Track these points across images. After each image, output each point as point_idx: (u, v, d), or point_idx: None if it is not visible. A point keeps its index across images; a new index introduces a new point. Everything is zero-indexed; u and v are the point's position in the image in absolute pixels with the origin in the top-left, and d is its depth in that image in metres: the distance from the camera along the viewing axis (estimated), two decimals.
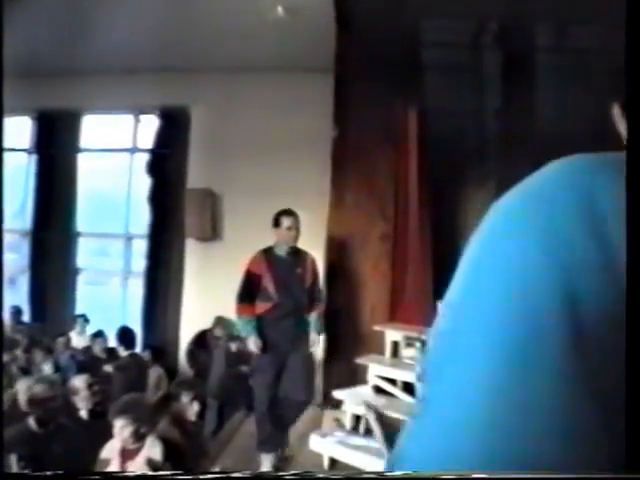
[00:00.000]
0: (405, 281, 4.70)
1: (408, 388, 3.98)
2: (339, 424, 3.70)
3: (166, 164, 6.63)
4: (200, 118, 6.35)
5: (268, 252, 3.76)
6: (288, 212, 3.73)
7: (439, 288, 4.69)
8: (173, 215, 6.46)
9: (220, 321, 5.81)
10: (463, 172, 5.39)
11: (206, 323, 5.95)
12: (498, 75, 4.69)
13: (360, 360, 4.03)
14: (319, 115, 4.80)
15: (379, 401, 3.72)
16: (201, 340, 5.86)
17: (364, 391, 3.87)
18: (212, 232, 6.31)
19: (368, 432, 3.50)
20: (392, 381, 4.03)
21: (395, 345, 4.21)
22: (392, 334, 4.23)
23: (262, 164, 5.78)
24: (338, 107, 4.56)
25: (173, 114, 6.59)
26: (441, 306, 0.50)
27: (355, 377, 4.13)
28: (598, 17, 4.79)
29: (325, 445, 3.43)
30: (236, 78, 6.00)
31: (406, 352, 4.04)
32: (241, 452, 4.00)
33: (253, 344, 3.60)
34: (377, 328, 4.27)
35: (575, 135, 5.15)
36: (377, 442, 3.19)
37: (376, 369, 3.96)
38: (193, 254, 6.35)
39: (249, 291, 3.68)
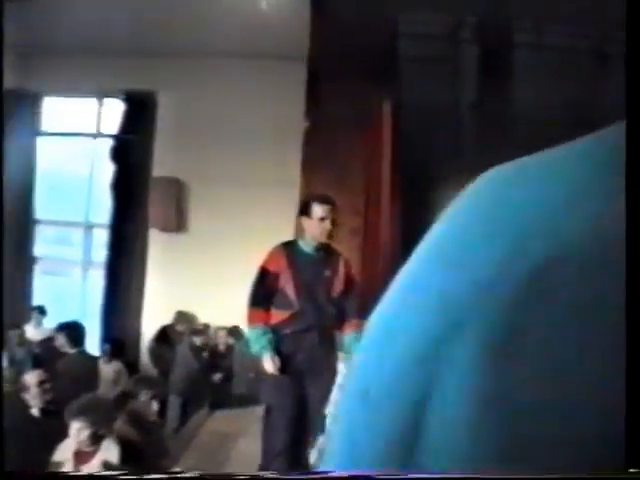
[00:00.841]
0: (377, 275, 4.62)
1: None
2: None
3: (131, 150, 6.38)
4: (167, 104, 6.14)
5: (290, 247, 3.03)
6: (323, 198, 2.97)
7: None
8: (137, 204, 6.23)
9: (182, 316, 5.64)
10: (437, 166, 5.34)
11: (169, 317, 5.77)
12: (475, 69, 4.62)
13: None
14: (291, 104, 4.68)
15: None
16: (163, 336, 5.68)
17: None
18: (177, 223, 6.12)
19: None
20: None
21: None
22: None
23: (231, 153, 5.62)
24: (310, 97, 4.43)
25: (139, 99, 6.34)
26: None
27: None
28: (574, 15, 4.80)
29: None
30: (205, 64, 5.81)
31: None
32: (204, 450, 3.86)
33: (269, 362, 2.86)
34: None
35: (550, 130, 5.17)
36: None
37: None
38: (157, 245, 6.15)
39: (264, 294, 2.96)
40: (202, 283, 5.49)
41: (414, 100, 4.63)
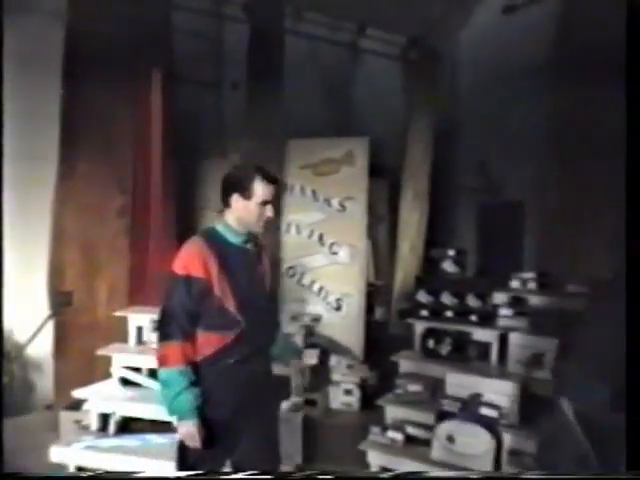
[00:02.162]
0: (146, 261, 4.34)
1: (155, 375, 3.70)
2: (82, 427, 3.22)
3: None
4: None
5: (213, 238, 2.14)
6: (269, 176, 2.17)
7: None
8: None
9: None
10: (207, 143, 5.22)
11: None
12: (243, 49, 4.58)
13: (102, 351, 3.57)
14: (47, 70, 4.01)
15: (127, 394, 3.37)
16: None
17: (109, 385, 3.46)
18: None
19: (120, 430, 3.13)
20: (137, 370, 3.70)
21: (140, 330, 3.86)
22: (136, 318, 3.86)
23: None
24: (70, 61, 3.90)
25: None
26: None
27: (95, 371, 3.66)
28: (334, 7, 5.09)
29: (69, 454, 2.95)
30: None
31: (154, 336, 3.72)
32: None
33: (192, 434, 2.02)
34: (118, 313, 3.85)
35: (313, 113, 5.43)
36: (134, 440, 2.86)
37: (121, 359, 3.56)
38: None
39: (190, 313, 2.03)
40: None
41: (185, 75, 4.43)
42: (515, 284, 3.67)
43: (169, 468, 2.72)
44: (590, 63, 4.14)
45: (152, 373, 3.72)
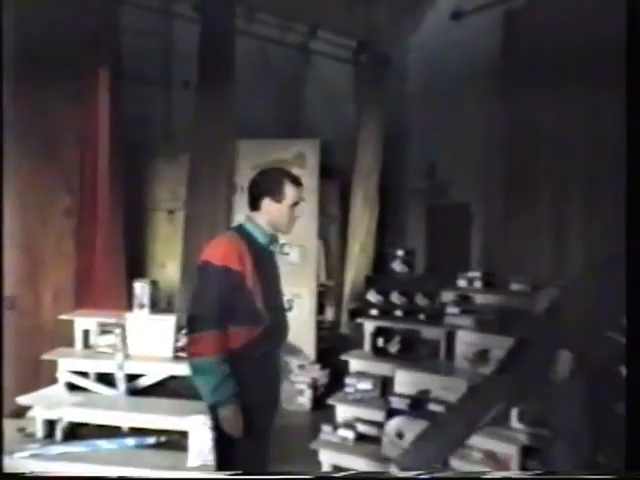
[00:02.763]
0: (93, 263, 4.24)
1: (103, 379, 3.63)
2: (26, 434, 3.13)
3: None
4: None
5: (246, 236, 2.22)
6: (297, 180, 2.28)
7: (133, 269, 4.40)
8: None
9: None
10: (155, 144, 5.14)
11: None
12: (194, 48, 4.54)
13: (47, 356, 3.48)
14: None
15: (74, 399, 3.29)
16: None
17: (55, 391, 3.37)
18: None
19: (67, 437, 3.06)
20: (84, 374, 3.62)
21: (86, 334, 3.78)
22: (82, 322, 3.77)
23: None
24: (14, 59, 3.77)
25: None
26: None
27: (39, 376, 3.56)
28: (286, 9, 5.11)
29: (13, 464, 2.85)
30: None
31: (101, 340, 3.65)
32: None
33: (235, 419, 2.07)
34: (64, 317, 3.75)
35: (267, 117, 5.43)
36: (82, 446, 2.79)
37: (67, 364, 3.47)
38: None
39: (225, 304, 2.09)
40: None
41: (133, 73, 4.35)
42: (462, 283, 3.77)
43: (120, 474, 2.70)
44: (535, 67, 4.31)
45: (100, 377, 3.65)
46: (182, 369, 3.53)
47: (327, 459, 3.27)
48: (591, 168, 4.17)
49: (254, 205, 2.26)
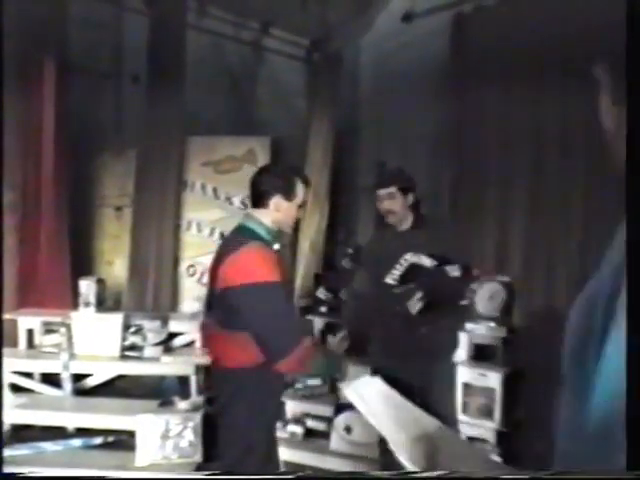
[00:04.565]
0: (37, 260, 4.13)
1: (49, 380, 3.57)
2: None
3: None
4: None
5: (264, 241, 2.11)
6: (306, 179, 2.25)
7: (78, 266, 4.31)
8: None
9: None
10: (103, 138, 5.04)
11: None
12: (144, 41, 4.46)
13: None
14: None
15: (18, 401, 3.22)
16: None
17: None
18: None
19: (10, 440, 2.99)
20: (29, 375, 3.54)
21: (30, 333, 3.69)
22: (26, 321, 3.69)
23: None
24: None
25: None
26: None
27: None
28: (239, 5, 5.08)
29: None
30: None
31: (46, 340, 3.57)
32: None
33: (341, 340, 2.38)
34: (6, 316, 3.65)
35: (217, 113, 5.39)
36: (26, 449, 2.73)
37: (11, 364, 3.39)
38: None
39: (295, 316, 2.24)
40: None
41: (80, 65, 4.25)
42: None
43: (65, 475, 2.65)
44: (483, 68, 4.43)
45: (45, 378, 3.58)
46: (129, 368, 3.52)
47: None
48: (536, 168, 4.33)
49: (262, 203, 2.14)
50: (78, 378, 3.51)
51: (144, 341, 3.53)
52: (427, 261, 2.61)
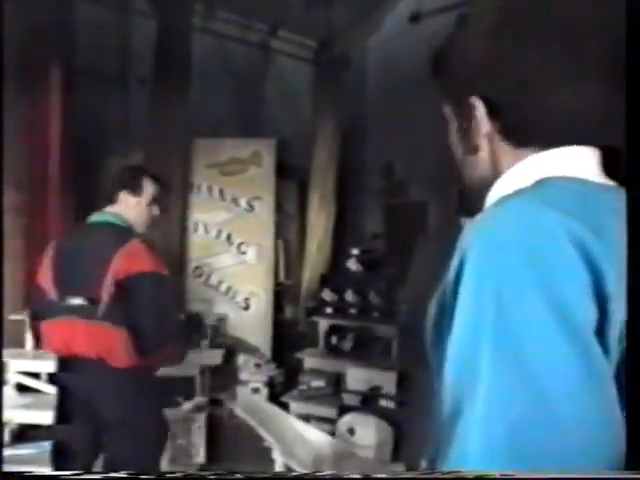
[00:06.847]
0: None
1: (54, 380, 3.58)
2: None
3: None
4: None
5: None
6: (156, 175, 2.38)
7: None
8: None
9: None
10: (108, 141, 5.06)
11: None
12: (151, 43, 4.49)
13: None
14: None
15: (24, 401, 3.23)
16: None
17: (4, 392, 3.29)
18: None
19: (15, 439, 3.01)
20: (35, 375, 3.56)
21: None
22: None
23: None
24: None
25: None
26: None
27: None
28: (246, 7, 5.09)
29: None
30: None
31: None
32: None
33: None
34: (14, 317, 3.68)
35: (224, 115, 5.41)
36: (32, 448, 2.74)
37: (17, 364, 3.41)
38: None
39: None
40: None
41: (87, 68, 4.29)
42: None
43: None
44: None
45: (52, 378, 3.59)
46: None
47: (280, 458, 3.28)
48: None
49: (111, 198, 2.32)
50: None
51: None
52: None
